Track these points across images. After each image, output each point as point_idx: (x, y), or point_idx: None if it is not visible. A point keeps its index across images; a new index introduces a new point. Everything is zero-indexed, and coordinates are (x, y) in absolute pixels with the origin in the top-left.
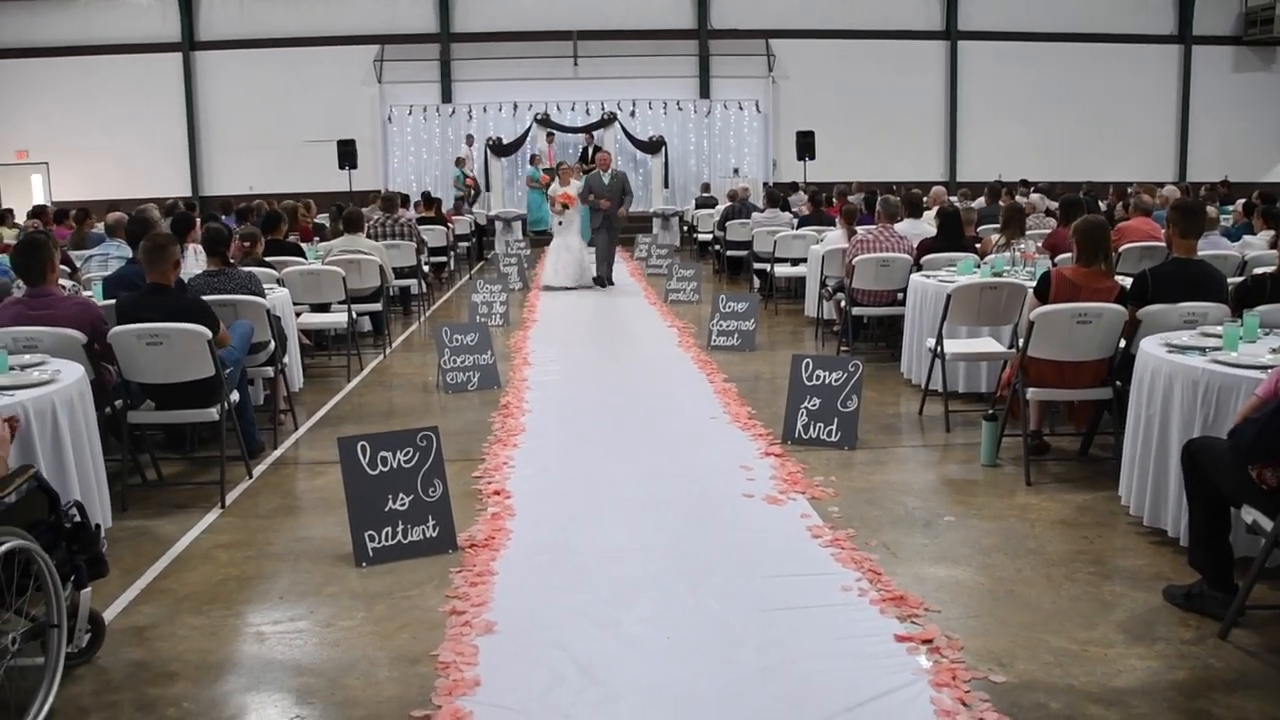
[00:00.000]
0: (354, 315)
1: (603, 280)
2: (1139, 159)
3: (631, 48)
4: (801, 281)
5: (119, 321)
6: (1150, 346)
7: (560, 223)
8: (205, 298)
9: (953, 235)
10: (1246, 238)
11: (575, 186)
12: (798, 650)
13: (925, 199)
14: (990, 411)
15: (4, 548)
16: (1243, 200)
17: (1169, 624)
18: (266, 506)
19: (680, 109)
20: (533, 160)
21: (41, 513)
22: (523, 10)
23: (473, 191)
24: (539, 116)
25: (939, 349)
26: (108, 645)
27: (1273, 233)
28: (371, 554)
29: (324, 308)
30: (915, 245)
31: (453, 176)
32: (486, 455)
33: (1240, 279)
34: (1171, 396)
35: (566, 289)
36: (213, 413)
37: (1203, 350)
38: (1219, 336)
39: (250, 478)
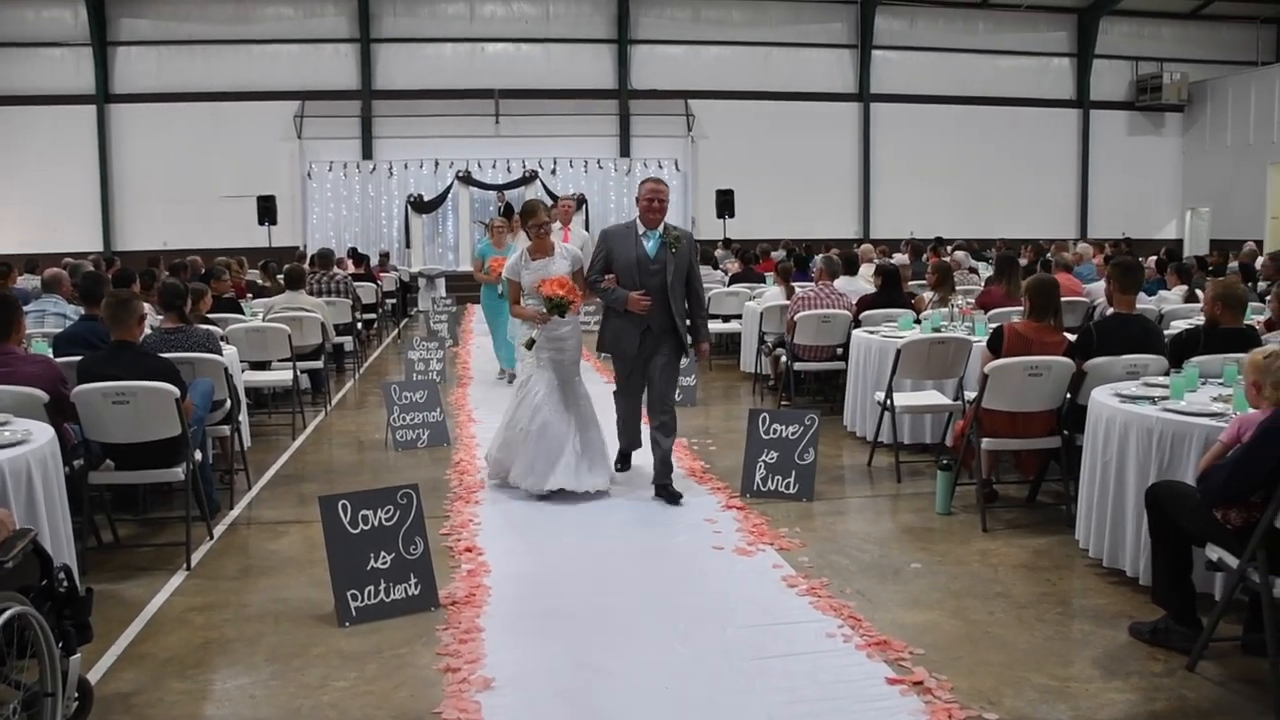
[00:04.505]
0: (297, 372)
1: (667, 490)
2: (1043, 216)
3: (553, 106)
4: (734, 338)
5: (81, 380)
6: (1102, 397)
7: (533, 337)
8: (163, 355)
9: (893, 292)
10: (1162, 292)
11: (561, 261)
12: (797, 695)
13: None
14: (944, 461)
15: (6, 614)
16: (1154, 257)
17: (1139, 659)
18: (233, 567)
19: (601, 167)
20: (489, 227)
21: (34, 578)
22: (444, 68)
23: None
24: (460, 174)
25: (889, 402)
26: (94, 714)
27: (1185, 287)
28: (354, 613)
29: (263, 365)
30: (853, 302)
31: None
32: (450, 512)
33: (1173, 333)
34: (1127, 444)
35: (544, 496)
36: (178, 472)
37: (1153, 400)
38: (1164, 386)
39: (211, 538)
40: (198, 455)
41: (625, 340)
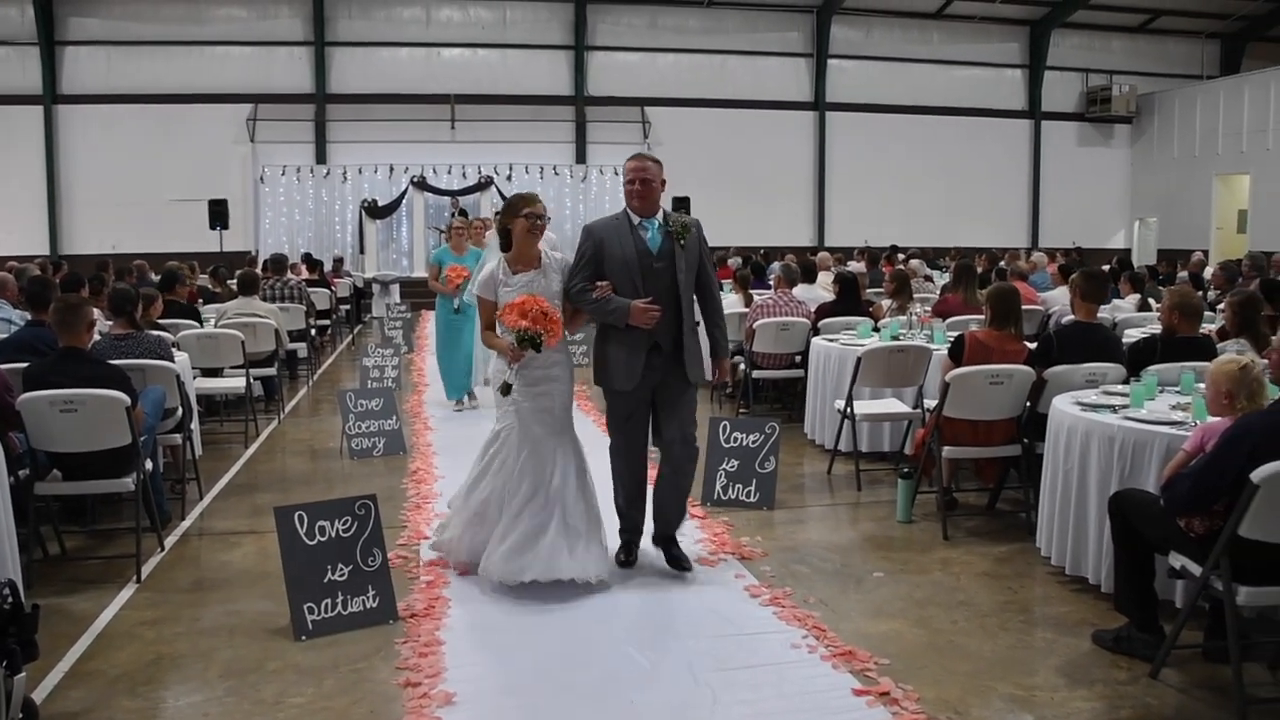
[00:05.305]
0: (250, 380)
1: (673, 551)
2: (995, 225)
3: (509, 112)
4: None
5: (28, 387)
6: (1063, 405)
7: (511, 373)
8: (113, 362)
9: (851, 300)
10: (1115, 301)
11: (553, 275)
12: (763, 708)
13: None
14: (905, 470)
15: None
16: (1107, 266)
17: (1103, 666)
18: (185, 580)
19: (557, 174)
20: (447, 233)
21: None
22: (400, 72)
23: None
24: (415, 179)
25: (849, 410)
26: None
27: (1138, 296)
28: (311, 626)
29: (215, 372)
30: (812, 310)
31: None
32: (406, 522)
33: (1130, 341)
34: (1089, 452)
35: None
36: (128, 483)
37: (1113, 408)
38: (1124, 395)
39: (162, 549)
40: (148, 464)
41: (626, 367)
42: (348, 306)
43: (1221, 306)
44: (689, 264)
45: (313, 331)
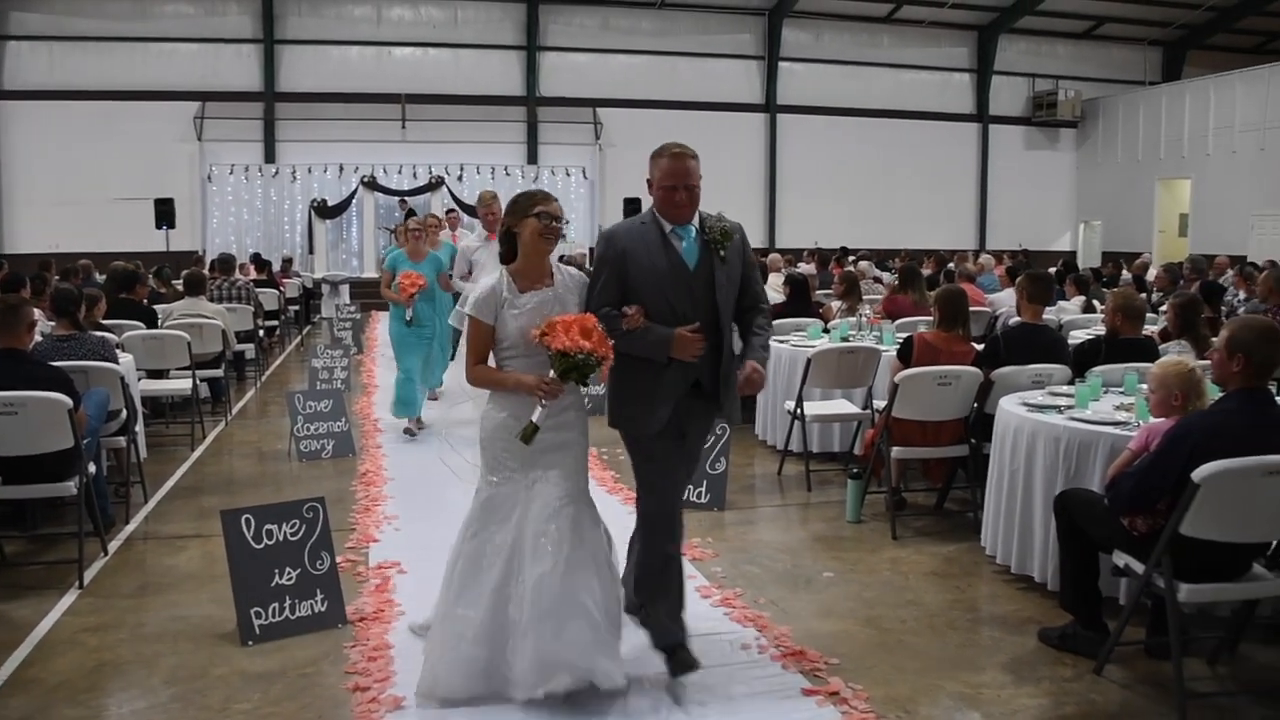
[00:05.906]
0: (197, 381)
1: (675, 645)
2: (944, 228)
3: (460, 112)
4: None
5: None
6: (1010, 405)
7: (535, 423)
8: (55, 363)
9: (802, 301)
10: (1061, 303)
11: (568, 296)
12: (714, 710)
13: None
14: (854, 470)
15: None
16: (1053, 268)
17: (1048, 664)
18: (129, 585)
19: (508, 174)
20: (395, 232)
21: None
22: (350, 71)
23: None
24: (365, 179)
25: (799, 411)
26: None
27: (1083, 298)
28: (258, 631)
29: (160, 373)
30: None
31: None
32: (355, 525)
33: (1075, 342)
34: (1035, 452)
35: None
36: (70, 486)
37: (1059, 409)
38: (1069, 395)
39: (106, 554)
40: (91, 468)
41: (661, 407)
42: (296, 307)
43: (1164, 308)
44: (730, 279)
45: (261, 332)
